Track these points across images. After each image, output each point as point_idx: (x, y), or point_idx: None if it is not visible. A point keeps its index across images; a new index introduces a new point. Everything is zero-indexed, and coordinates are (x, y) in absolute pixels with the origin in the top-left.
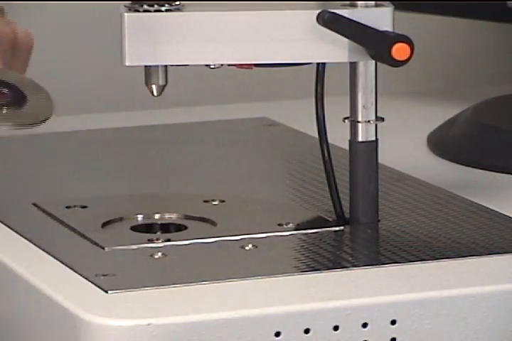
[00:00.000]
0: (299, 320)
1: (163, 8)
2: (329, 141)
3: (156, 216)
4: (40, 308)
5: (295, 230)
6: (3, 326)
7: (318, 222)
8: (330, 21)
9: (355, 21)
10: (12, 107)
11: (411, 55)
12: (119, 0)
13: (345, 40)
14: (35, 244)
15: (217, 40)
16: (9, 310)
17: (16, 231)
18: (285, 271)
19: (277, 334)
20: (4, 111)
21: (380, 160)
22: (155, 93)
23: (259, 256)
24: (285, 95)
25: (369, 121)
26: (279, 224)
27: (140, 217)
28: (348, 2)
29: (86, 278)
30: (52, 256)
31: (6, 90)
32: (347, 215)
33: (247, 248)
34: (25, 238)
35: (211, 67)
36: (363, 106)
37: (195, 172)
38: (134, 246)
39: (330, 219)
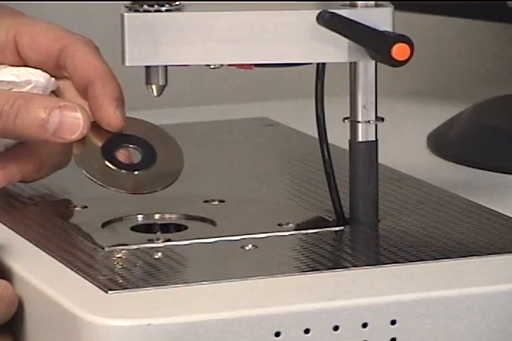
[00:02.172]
0: (299, 320)
1: (163, 8)
2: (329, 141)
3: (156, 216)
4: (40, 308)
5: (295, 230)
6: (3, 326)
7: (318, 222)
8: (330, 21)
9: (355, 21)
10: (140, 169)
11: (411, 55)
12: (119, 0)
13: (345, 40)
14: (35, 244)
15: (217, 40)
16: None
17: (15, 232)
18: (285, 271)
19: (277, 334)
20: (136, 174)
21: (380, 160)
22: (155, 93)
23: (259, 256)
24: (285, 95)
25: (369, 121)
26: (279, 224)
27: (140, 217)
28: (348, 2)
29: (86, 278)
30: (52, 256)
31: (133, 146)
32: (347, 215)
33: (247, 248)
34: (25, 238)
35: (211, 67)
36: (363, 106)
37: (195, 172)
38: (134, 246)
39: (330, 219)
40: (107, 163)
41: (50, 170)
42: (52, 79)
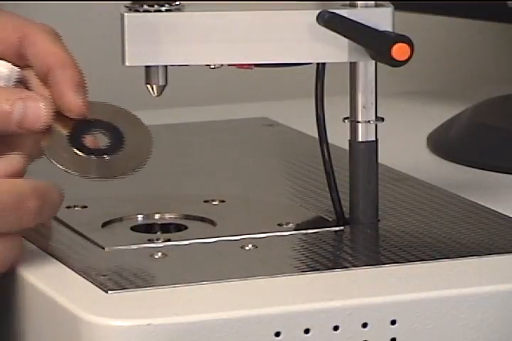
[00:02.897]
0: (299, 320)
1: (163, 8)
2: (329, 141)
3: (156, 216)
4: (40, 308)
5: (295, 230)
6: (4, 326)
7: (318, 222)
8: (330, 21)
9: (355, 21)
10: (109, 153)
11: (411, 55)
12: (119, 0)
13: (345, 40)
14: (35, 244)
15: (217, 40)
16: (9, 310)
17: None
18: (285, 271)
19: (277, 334)
20: (106, 159)
21: (380, 160)
22: (155, 93)
23: (259, 256)
24: (285, 95)
25: (369, 121)
26: (279, 224)
27: (140, 217)
28: (348, 2)
29: (86, 278)
30: (52, 256)
31: (100, 131)
32: (347, 215)
33: (247, 248)
34: (25, 238)
35: (211, 67)
36: (363, 106)
37: (195, 172)
38: (134, 246)
39: (330, 219)
40: (76, 150)
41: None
42: (16, 68)
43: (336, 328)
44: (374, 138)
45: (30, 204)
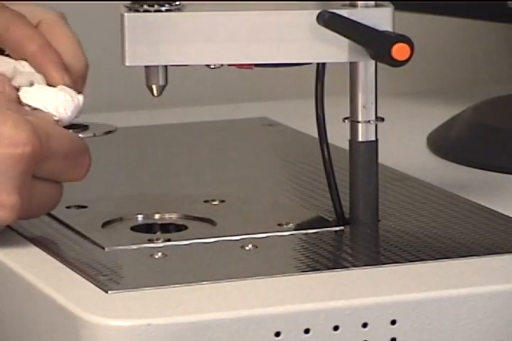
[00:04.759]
0: (299, 320)
1: (163, 8)
2: (329, 141)
3: (156, 216)
4: (40, 308)
5: (295, 230)
6: (4, 326)
7: (318, 222)
8: (330, 21)
9: (355, 21)
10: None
11: (411, 55)
12: (119, 0)
13: (345, 40)
14: (35, 244)
15: (217, 40)
16: (9, 310)
17: (16, 232)
18: (285, 271)
19: (277, 334)
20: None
21: (380, 160)
22: (155, 93)
23: (259, 256)
24: (285, 95)
25: (369, 121)
26: (279, 224)
27: (140, 217)
28: (348, 2)
29: (86, 278)
30: (52, 256)
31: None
32: (347, 215)
33: (247, 248)
34: (26, 238)
35: (211, 67)
36: (363, 106)
37: (195, 172)
38: (134, 246)
39: (330, 219)
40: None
41: None
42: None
43: (336, 328)
44: (374, 138)
45: (86, 159)
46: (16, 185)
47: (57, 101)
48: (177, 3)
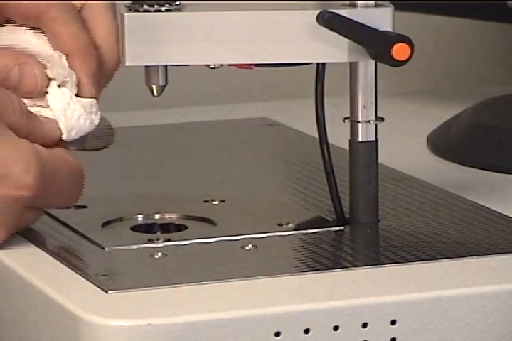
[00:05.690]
0: (299, 320)
1: (163, 8)
2: (329, 141)
3: (156, 216)
4: (40, 308)
5: (295, 230)
6: (4, 326)
7: (318, 222)
8: (330, 21)
9: (355, 21)
10: None
11: (411, 55)
12: (119, 0)
13: (345, 40)
14: (35, 244)
15: (217, 40)
16: (9, 310)
17: (16, 232)
18: (285, 271)
19: (277, 334)
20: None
21: (380, 160)
22: (155, 93)
23: (259, 256)
24: (285, 95)
25: (369, 121)
26: (279, 224)
27: (140, 217)
28: (348, 2)
29: (86, 278)
30: (52, 256)
31: None
32: (347, 215)
33: (247, 248)
34: (26, 238)
35: (211, 67)
36: (363, 106)
37: (195, 172)
38: (134, 246)
39: (330, 219)
40: None
41: None
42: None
43: (336, 328)
44: (374, 138)
45: (79, 194)
46: (5, 222)
47: (74, 124)
48: (177, 3)
